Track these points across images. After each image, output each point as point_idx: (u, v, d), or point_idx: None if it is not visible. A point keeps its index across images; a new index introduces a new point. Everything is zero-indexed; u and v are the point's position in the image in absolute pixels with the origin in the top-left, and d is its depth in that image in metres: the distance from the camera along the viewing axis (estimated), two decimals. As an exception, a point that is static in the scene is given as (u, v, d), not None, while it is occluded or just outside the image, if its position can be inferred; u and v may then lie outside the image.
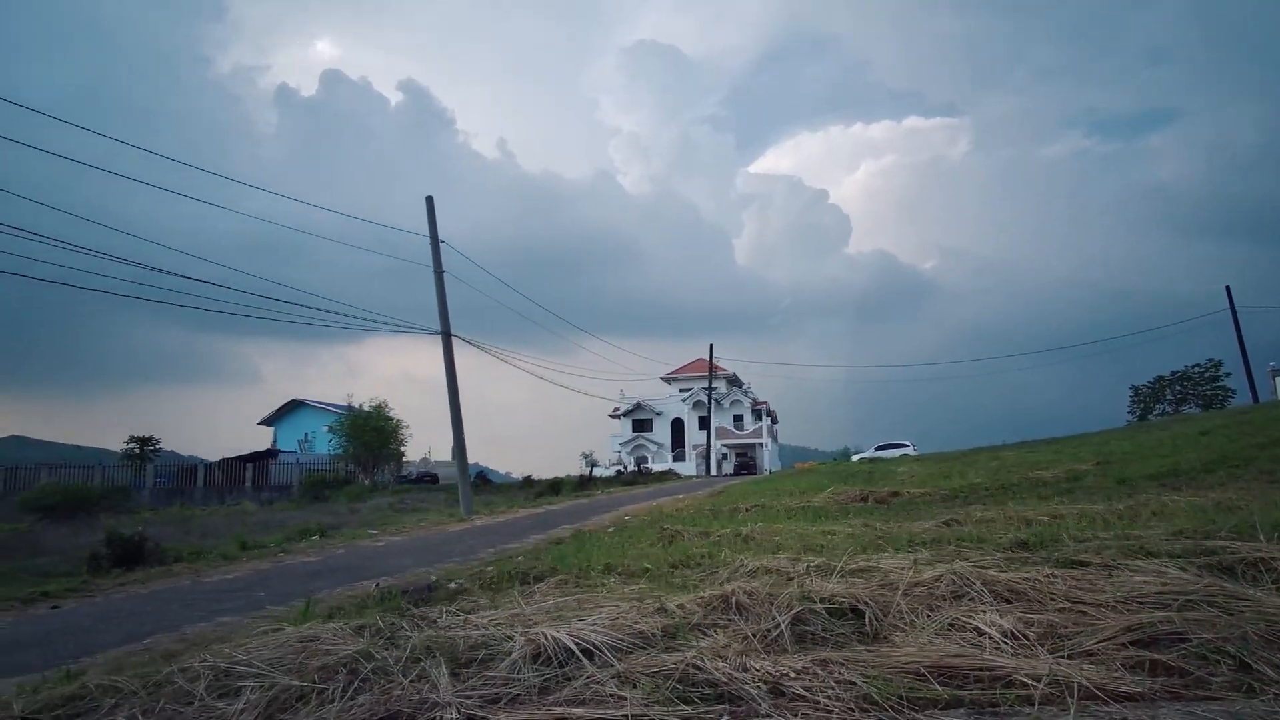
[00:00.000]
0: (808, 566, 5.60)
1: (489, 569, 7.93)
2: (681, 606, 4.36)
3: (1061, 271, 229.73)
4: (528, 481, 36.64)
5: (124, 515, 26.50)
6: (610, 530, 13.19)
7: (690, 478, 45.18)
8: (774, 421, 65.90)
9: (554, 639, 3.85)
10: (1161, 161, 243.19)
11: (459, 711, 3.22)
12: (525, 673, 3.61)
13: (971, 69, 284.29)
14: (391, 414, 39.73)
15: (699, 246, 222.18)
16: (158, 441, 42.26)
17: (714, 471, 54.02)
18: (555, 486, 30.37)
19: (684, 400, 63.23)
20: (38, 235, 11.58)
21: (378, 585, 6.48)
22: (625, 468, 47.56)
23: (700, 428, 62.48)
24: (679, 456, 59.52)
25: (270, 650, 4.02)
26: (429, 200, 19.63)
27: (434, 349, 20.16)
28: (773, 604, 4.33)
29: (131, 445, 41.44)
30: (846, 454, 52.55)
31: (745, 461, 57.69)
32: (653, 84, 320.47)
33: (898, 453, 43.99)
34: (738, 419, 63.66)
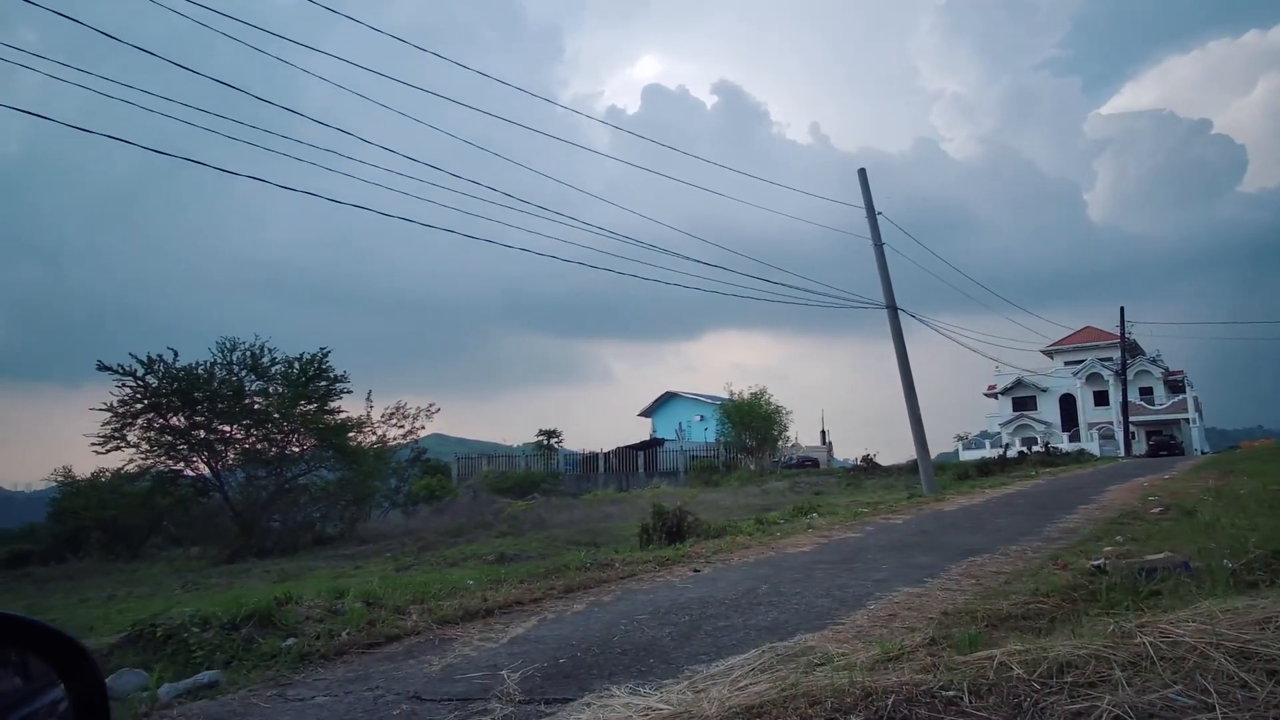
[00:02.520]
0: None
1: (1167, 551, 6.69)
2: None
3: None
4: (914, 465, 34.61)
5: (568, 497, 30.05)
6: (1157, 511, 11.21)
7: (1113, 458, 39.15)
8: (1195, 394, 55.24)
9: None
10: None
11: None
12: None
13: None
14: (771, 400, 40.39)
15: (1042, 206, 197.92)
16: (560, 434, 47.81)
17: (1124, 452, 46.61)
18: (983, 468, 28.21)
19: (1074, 374, 55.67)
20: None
21: (1101, 565, 5.57)
22: (1027, 449, 42.89)
23: (1096, 404, 54.59)
24: (1073, 436, 52.29)
25: None
26: (862, 173, 18.95)
27: (758, 342, 19.57)
28: None
29: (541, 437, 47.37)
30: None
31: (1164, 441, 48.66)
32: (976, 37, 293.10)
33: None
34: (1145, 392, 54.42)
